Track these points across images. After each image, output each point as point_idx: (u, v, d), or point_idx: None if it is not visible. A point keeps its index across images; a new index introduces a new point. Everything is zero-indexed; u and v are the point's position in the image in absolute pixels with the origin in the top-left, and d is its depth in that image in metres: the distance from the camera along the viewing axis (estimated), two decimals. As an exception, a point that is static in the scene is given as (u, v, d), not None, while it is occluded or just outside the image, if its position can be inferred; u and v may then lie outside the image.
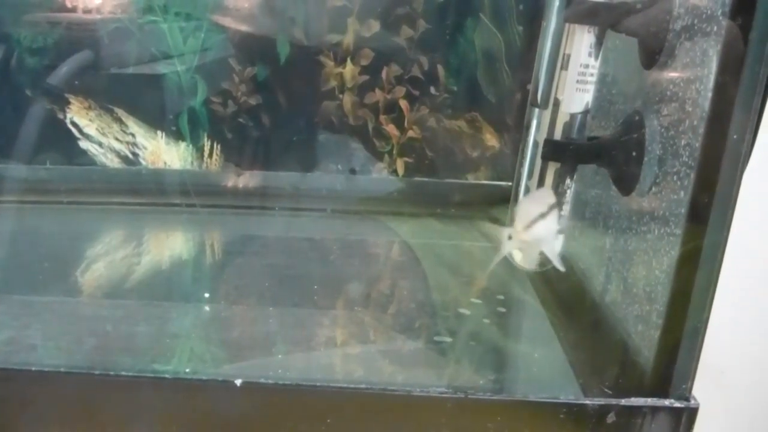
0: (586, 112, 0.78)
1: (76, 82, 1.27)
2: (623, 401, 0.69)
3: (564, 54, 0.77)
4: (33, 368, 0.66)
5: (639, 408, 0.69)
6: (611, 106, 0.89)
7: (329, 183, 1.35)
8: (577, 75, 0.77)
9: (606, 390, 0.72)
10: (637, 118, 0.77)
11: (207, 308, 0.95)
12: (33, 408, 0.69)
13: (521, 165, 0.83)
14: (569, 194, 0.81)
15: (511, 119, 1.33)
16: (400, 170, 1.35)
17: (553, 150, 0.78)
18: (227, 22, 1.29)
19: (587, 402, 0.69)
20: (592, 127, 0.84)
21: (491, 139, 1.34)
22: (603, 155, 0.79)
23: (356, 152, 1.36)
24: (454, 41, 1.30)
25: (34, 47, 1.26)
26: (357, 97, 1.33)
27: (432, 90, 1.32)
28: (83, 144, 1.32)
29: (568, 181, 0.80)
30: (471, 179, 1.36)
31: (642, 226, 0.79)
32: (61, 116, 1.30)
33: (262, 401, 0.68)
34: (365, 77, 1.32)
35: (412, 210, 1.32)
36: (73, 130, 1.31)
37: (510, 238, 0.74)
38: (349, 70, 1.31)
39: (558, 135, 0.78)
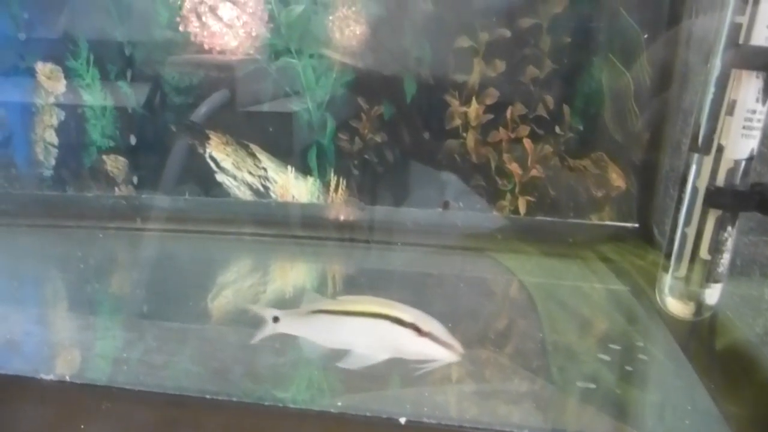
0: (751, 159, 0.76)
1: (216, 120, 1.35)
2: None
3: (729, 99, 0.75)
4: (207, 396, 0.70)
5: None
6: (769, 151, 0.86)
7: (449, 219, 1.37)
8: (744, 120, 0.75)
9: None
10: (808, 165, 0.74)
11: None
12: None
13: (677, 211, 0.81)
14: (730, 242, 0.78)
15: (638, 159, 1.30)
16: (522, 209, 1.35)
17: (717, 197, 0.76)
18: (357, 62, 1.34)
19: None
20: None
21: (617, 180, 1.32)
22: (769, 203, 0.76)
23: (477, 190, 1.36)
24: (581, 81, 1.30)
25: (180, 86, 1.35)
26: (480, 136, 1.34)
27: (557, 129, 1.31)
28: (219, 177, 1.39)
29: (729, 228, 0.78)
30: (595, 220, 1.33)
31: (811, 277, 0.75)
32: (201, 151, 1.38)
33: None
34: (489, 116, 1.33)
35: (533, 249, 1.31)
36: (211, 163, 1.38)
37: (276, 320, 0.75)
38: (473, 109, 1.33)
39: (721, 181, 0.76)
